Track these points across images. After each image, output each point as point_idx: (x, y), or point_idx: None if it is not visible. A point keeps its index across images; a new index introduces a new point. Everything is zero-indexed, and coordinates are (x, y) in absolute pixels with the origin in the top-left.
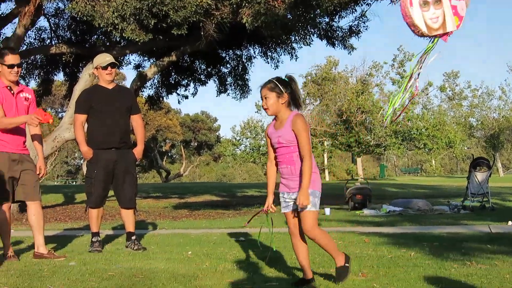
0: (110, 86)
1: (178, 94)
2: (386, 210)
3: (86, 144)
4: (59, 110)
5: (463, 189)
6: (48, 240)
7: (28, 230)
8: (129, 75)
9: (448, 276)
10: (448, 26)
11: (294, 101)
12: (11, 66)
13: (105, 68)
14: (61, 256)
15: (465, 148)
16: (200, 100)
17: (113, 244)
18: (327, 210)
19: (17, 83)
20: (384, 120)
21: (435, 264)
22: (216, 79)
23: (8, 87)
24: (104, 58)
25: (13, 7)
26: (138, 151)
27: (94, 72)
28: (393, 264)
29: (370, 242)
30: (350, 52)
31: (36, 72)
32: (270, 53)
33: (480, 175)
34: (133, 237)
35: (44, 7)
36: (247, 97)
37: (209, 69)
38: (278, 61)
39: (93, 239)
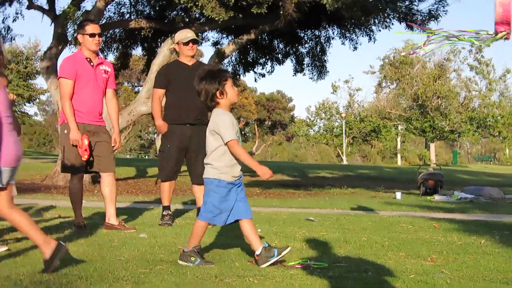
0: (190, 62)
1: (255, 72)
2: (457, 196)
3: (161, 118)
4: (136, 84)
5: None
6: (119, 212)
7: (99, 201)
8: (207, 52)
9: None
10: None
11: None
12: (92, 35)
13: (186, 43)
14: (131, 227)
15: None
16: (276, 80)
17: (183, 218)
18: (398, 194)
19: (96, 54)
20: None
21: (505, 253)
22: (293, 59)
23: (88, 59)
24: (186, 34)
25: None
26: None
27: (175, 48)
28: (463, 251)
29: (440, 227)
30: (428, 36)
31: (114, 46)
32: (348, 35)
33: None
34: None
35: None
36: (324, 78)
37: (287, 49)
38: (356, 43)
39: (164, 213)
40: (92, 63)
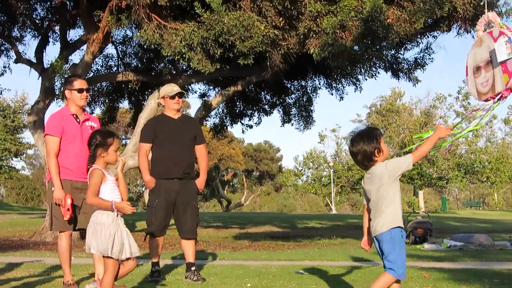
0: (176, 116)
1: (243, 124)
2: (447, 244)
3: (149, 173)
4: (123, 137)
5: None
6: None
7: (88, 258)
8: (194, 103)
9: None
10: (497, 87)
11: None
12: (80, 90)
13: (172, 97)
14: (121, 285)
15: None
16: (263, 130)
17: (172, 274)
18: None
19: (83, 110)
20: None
21: None
22: (280, 110)
23: (74, 115)
24: (172, 88)
25: (82, 34)
26: (200, 182)
27: (160, 102)
28: None
29: (430, 277)
30: (415, 84)
31: (102, 99)
32: (335, 84)
33: None
34: (193, 268)
35: (112, 34)
36: (310, 128)
37: (274, 99)
38: (342, 92)
39: (153, 269)
40: (78, 120)
